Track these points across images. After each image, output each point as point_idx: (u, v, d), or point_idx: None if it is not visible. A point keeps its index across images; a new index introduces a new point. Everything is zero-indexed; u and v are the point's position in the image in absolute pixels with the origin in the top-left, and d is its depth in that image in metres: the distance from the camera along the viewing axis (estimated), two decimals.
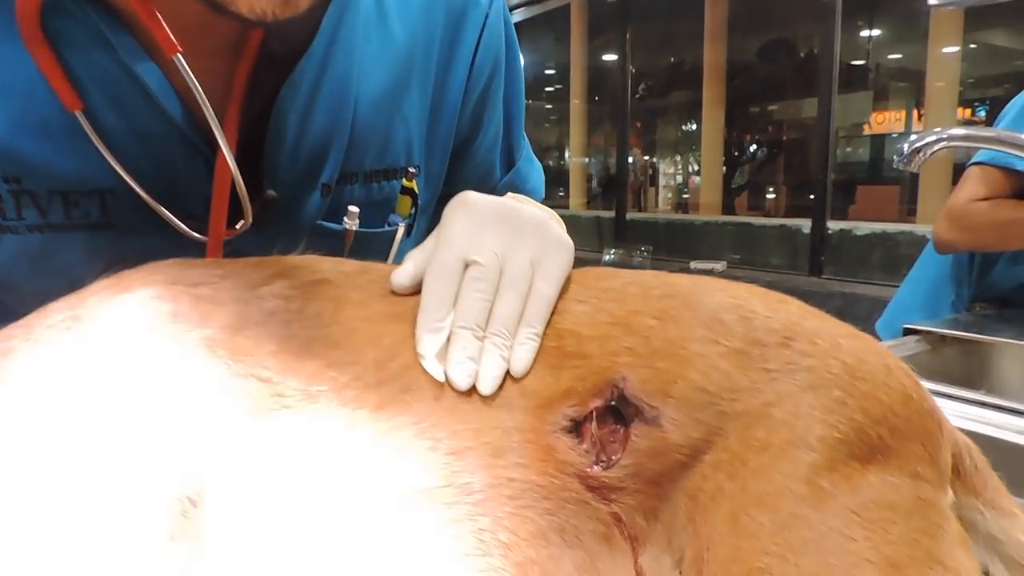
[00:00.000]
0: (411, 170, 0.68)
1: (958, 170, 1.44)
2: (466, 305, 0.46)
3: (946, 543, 0.43)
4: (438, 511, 0.41)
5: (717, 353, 0.46)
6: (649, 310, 0.48)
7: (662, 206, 9.29)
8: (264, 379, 0.42)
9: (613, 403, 0.45)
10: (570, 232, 0.56)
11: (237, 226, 0.59)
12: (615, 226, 6.21)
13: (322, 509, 0.40)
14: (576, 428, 0.45)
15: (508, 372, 0.46)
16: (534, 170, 0.86)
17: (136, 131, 0.56)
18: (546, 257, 0.49)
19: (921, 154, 0.87)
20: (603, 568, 0.44)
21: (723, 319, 0.48)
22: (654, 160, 9.94)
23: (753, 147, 8.89)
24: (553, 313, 0.48)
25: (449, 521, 0.42)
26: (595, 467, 0.45)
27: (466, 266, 0.48)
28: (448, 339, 0.45)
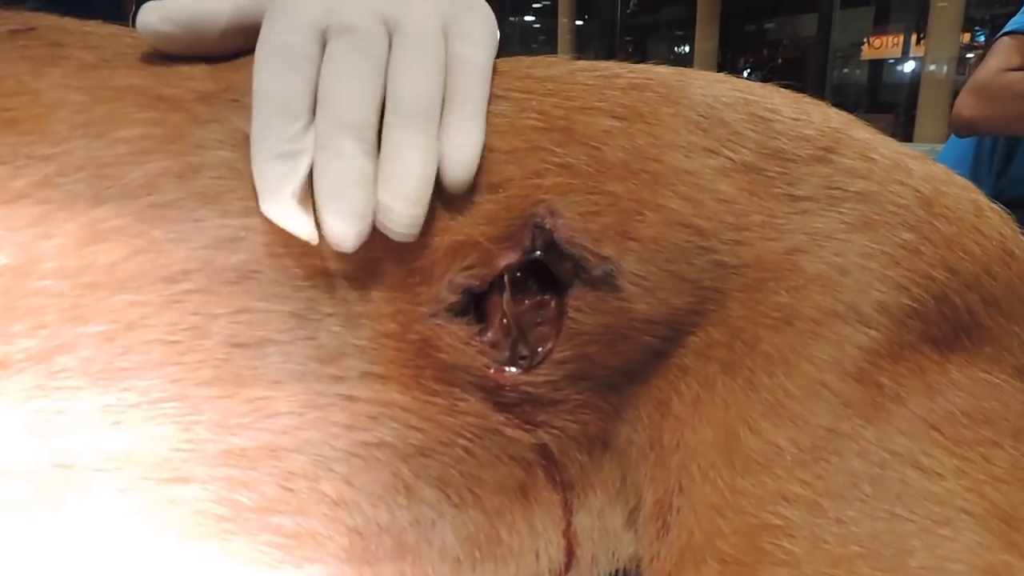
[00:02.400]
0: None
1: (957, 96, 1.21)
2: (336, 91, 0.26)
3: None
4: (203, 440, 0.24)
5: (714, 169, 0.28)
6: (607, 106, 0.29)
7: None
8: None
9: (536, 255, 0.27)
10: None
11: None
12: None
13: None
14: (475, 306, 0.27)
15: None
16: None
17: None
18: (460, 16, 0.30)
19: None
20: (509, 538, 0.27)
21: (725, 119, 0.29)
22: None
23: (747, 72, 8.55)
24: None
25: (224, 457, 0.24)
26: (509, 369, 0.27)
27: (323, 41, 0.27)
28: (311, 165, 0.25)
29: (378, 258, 0.26)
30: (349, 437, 0.25)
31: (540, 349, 0.27)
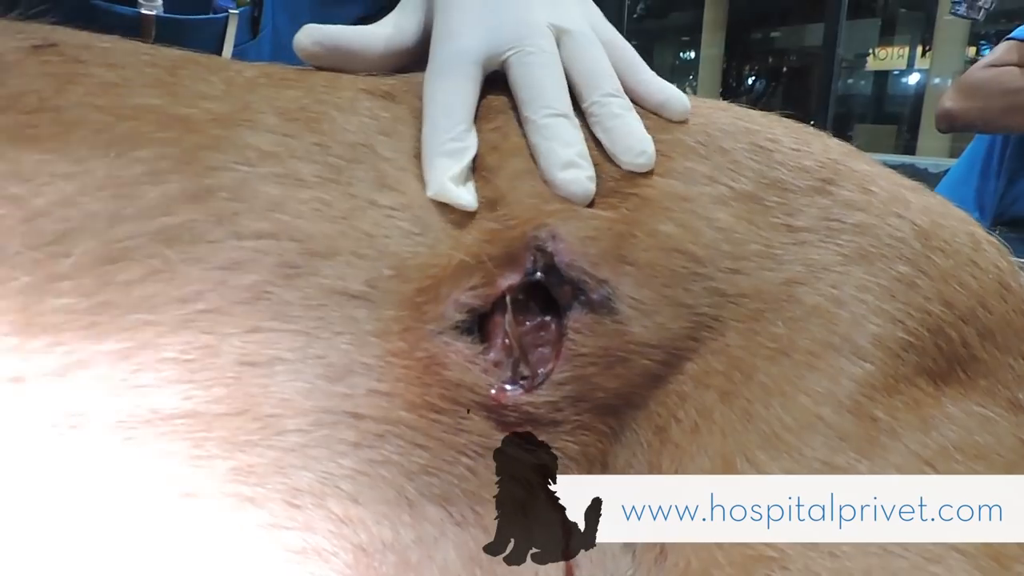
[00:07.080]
0: None
1: None
2: (541, 85, 0.30)
3: None
4: (213, 456, 0.24)
5: (711, 196, 0.28)
6: None
7: None
8: None
9: (537, 278, 0.27)
10: None
11: None
12: None
13: None
14: (478, 326, 0.27)
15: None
16: None
17: None
18: (598, 22, 0.34)
19: None
20: None
21: (724, 146, 0.29)
22: None
23: (752, 79, 8.56)
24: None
25: (232, 473, 0.24)
26: (511, 389, 0.27)
27: (483, 71, 0.31)
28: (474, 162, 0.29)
29: (386, 277, 0.26)
30: (356, 455, 0.25)
31: (541, 370, 0.27)
